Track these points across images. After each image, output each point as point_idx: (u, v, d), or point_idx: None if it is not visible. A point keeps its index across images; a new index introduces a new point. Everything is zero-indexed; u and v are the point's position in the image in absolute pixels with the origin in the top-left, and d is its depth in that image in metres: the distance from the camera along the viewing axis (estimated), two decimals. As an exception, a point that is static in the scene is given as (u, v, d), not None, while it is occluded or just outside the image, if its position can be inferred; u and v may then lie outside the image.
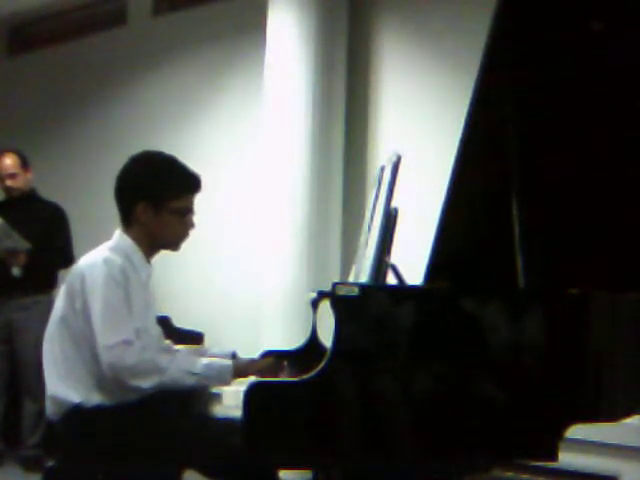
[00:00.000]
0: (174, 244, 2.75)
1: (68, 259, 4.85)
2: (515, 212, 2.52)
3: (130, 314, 2.55)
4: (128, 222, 2.70)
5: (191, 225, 2.73)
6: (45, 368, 2.66)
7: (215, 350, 2.93)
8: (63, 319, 2.62)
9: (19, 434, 4.98)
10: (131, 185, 2.70)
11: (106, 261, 2.59)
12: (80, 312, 2.57)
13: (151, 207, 2.66)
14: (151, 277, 2.75)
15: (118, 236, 2.71)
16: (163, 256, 2.79)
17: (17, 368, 4.93)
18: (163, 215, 2.67)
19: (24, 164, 4.98)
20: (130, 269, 2.63)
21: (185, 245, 2.77)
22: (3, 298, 4.87)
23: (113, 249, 2.66)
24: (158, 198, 2.65)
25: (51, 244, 4.88)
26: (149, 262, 2.74)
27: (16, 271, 4.76)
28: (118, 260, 2.61)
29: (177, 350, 2.81)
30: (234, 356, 2.87)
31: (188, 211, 2.72)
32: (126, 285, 2.57)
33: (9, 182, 4.94)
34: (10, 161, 4.94)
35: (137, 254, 2.69)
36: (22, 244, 4.72)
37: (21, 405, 4.96)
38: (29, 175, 5.01)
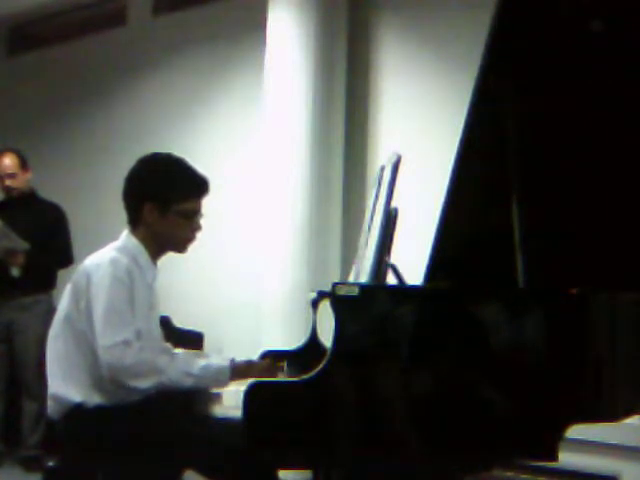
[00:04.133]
0: (180, 246, 2.75)
1: (67, 259, 4.86)
2: (515, 212, 2.52)
3: (133, 315, 2.55)
4: (135, 223, 2.71)
5: (198, 228, 2.73)
6: (48, 366, 2.66)
7: (214, 358, 2.92)
8: (67, 318, 2.63)
9: (19, 434, 4.97)
10: (138, 186, 2.70)
11: (112, 261, 2.59)
12: (84, 312, 2.57)
13: (157, 208, 2.66)
14: (156, 278, 2.75)
15: (125, 237, 2.71)
16: (164, 256, 2.79)
17: (17, 368, 4.93)
18: (169, 217, 2.66)
19: (23, 164, 4.97)
20: (136, 270, 2.63)
21: (186, 245, 2.76)
22: (2, 298, 4.87)
23: (120, 249, 2.66)
24: (165, 199, 2.65)
25: (50, 244, 4.88)
26: (155, 263, 2.74)
27: (15, 271, 4.76)
28: (124, 261, 2.61)
29: (176, 353, 2.81)
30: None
31: (195, 213, 2.71)
32: (131, 286, 2.57)
33: (8, 182, 4.93)
34: (9, 161, 4.93)
35: (143, 255, 2.69)
36: (21, 244, 4.71)
37: (21, 405, 4.96)
38: (28, 175, 5.01)
